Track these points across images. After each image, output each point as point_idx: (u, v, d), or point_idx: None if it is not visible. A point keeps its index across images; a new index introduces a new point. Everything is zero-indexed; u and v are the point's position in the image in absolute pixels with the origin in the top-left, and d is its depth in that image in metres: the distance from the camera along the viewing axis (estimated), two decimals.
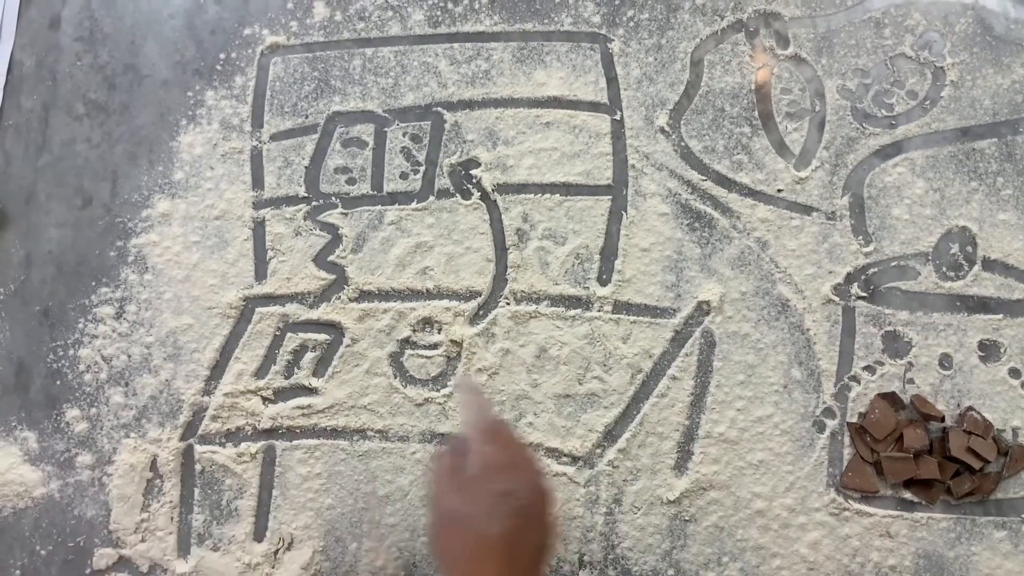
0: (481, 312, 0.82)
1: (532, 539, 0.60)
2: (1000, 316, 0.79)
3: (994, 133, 0.83)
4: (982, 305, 0.80)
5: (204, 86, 0.89)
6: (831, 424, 0.79)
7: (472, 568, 0.59)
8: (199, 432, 0.82)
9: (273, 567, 0.79)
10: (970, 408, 0.78)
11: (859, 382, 0.79)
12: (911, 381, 0.79)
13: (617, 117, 0.85)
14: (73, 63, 0.90)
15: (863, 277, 0.81)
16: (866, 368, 0.79)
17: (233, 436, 0.82)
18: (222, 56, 0.89)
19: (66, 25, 0.91)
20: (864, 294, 0.80)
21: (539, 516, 0.61)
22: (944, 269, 0.80)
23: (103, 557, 0.80)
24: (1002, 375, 0.78)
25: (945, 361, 0.79)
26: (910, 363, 0.79)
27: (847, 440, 0.78)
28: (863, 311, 0.80)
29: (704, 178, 0.83)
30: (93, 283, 0.85)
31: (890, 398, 0.78)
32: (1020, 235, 0.80)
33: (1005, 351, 0.79)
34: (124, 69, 0.90)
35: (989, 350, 0.79)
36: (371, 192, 0.86)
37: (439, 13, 0.89)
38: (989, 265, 0.80)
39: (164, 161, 0.87)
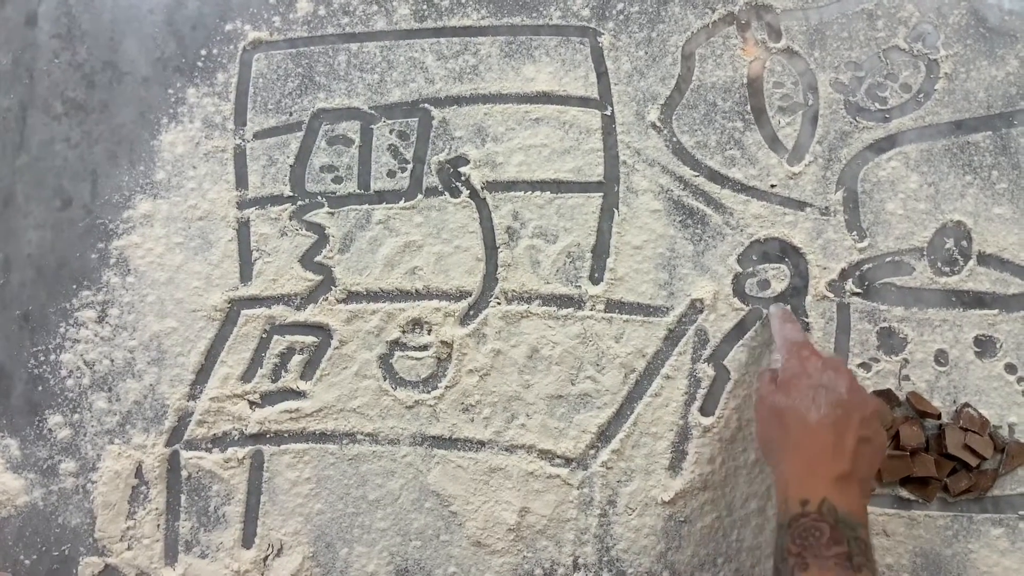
0: (472, 312, 0.81)
1: (854, 429, 0.63)
2: (996, 311, 0.79)
3: (988, 126, 0.82)
4: (978, 300, 0.79)
5: (185, 83, 0.87)
6: None
7: (795, 454, 0.63)
8: (185, 437, 0.81)
9: (262, 574, 0.78)
10: (966, 405, 0.77)
11: None
12: (907, 378, 0.78)
13: (608, 112, 0.84)
14: (51, 61, 0.88)
15: (857, 273, 0.80)
16: (861, 365, 0.78)
17: (220, 441, 0.81)
18: (203, 52, 0.87)
19: (43, 22, 0.89)
20: (859, 290, 0.79)
21: (861, 410, 0.64)
22: (939, 264, 0.80)
23: (89, 566, 0.79)
24: (998, 371, 0.78)
25: (941, 357, 0.78)
26: (905, 360, 0.78)
27: None
28: (858, 307, 0.79)
29: (696, 174, 0.82)
30: (74, 286, 0.83)
31: (886, 395, 0.77)
32: (1015, 229, 0.80)
33: (1001, 346, 0.78)
34: (103, 66, 0.88)
35: (985, 346, 0.78)
36: (358, 191, 0.84)
37: (425, 7, 0.87)
38: (984, 260, 0.79)
39: (145, 161, 0.86)
